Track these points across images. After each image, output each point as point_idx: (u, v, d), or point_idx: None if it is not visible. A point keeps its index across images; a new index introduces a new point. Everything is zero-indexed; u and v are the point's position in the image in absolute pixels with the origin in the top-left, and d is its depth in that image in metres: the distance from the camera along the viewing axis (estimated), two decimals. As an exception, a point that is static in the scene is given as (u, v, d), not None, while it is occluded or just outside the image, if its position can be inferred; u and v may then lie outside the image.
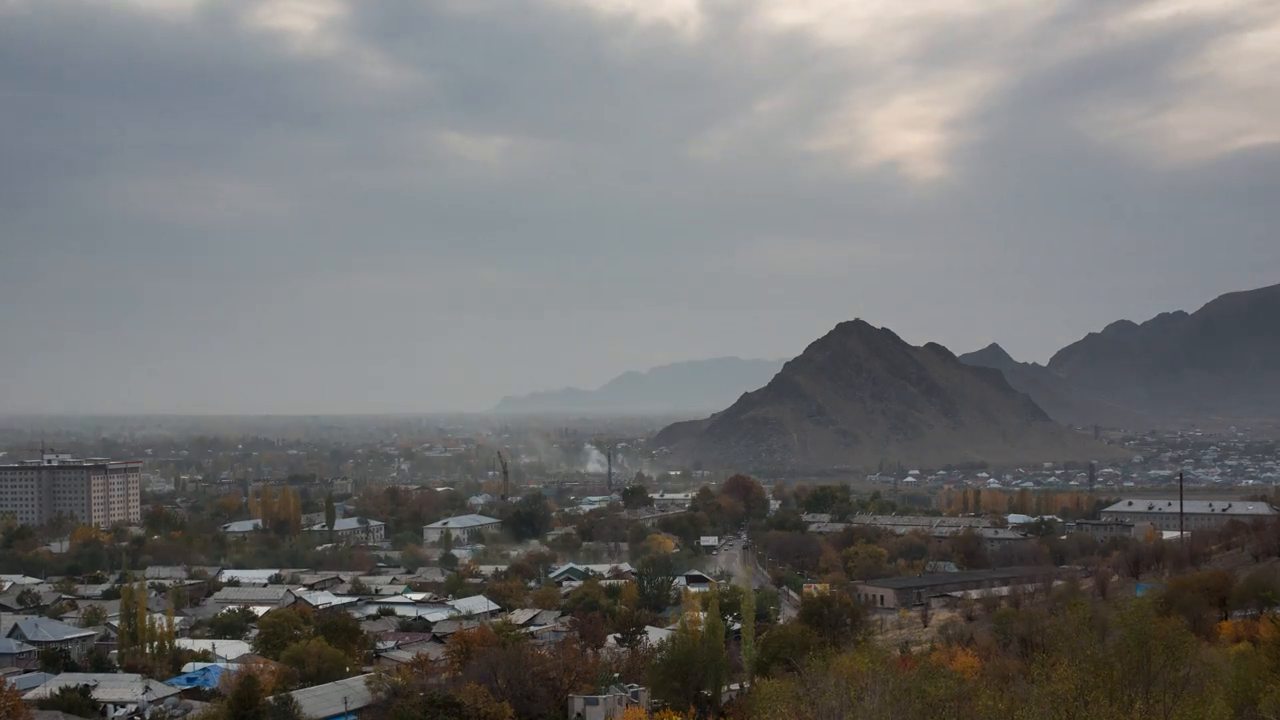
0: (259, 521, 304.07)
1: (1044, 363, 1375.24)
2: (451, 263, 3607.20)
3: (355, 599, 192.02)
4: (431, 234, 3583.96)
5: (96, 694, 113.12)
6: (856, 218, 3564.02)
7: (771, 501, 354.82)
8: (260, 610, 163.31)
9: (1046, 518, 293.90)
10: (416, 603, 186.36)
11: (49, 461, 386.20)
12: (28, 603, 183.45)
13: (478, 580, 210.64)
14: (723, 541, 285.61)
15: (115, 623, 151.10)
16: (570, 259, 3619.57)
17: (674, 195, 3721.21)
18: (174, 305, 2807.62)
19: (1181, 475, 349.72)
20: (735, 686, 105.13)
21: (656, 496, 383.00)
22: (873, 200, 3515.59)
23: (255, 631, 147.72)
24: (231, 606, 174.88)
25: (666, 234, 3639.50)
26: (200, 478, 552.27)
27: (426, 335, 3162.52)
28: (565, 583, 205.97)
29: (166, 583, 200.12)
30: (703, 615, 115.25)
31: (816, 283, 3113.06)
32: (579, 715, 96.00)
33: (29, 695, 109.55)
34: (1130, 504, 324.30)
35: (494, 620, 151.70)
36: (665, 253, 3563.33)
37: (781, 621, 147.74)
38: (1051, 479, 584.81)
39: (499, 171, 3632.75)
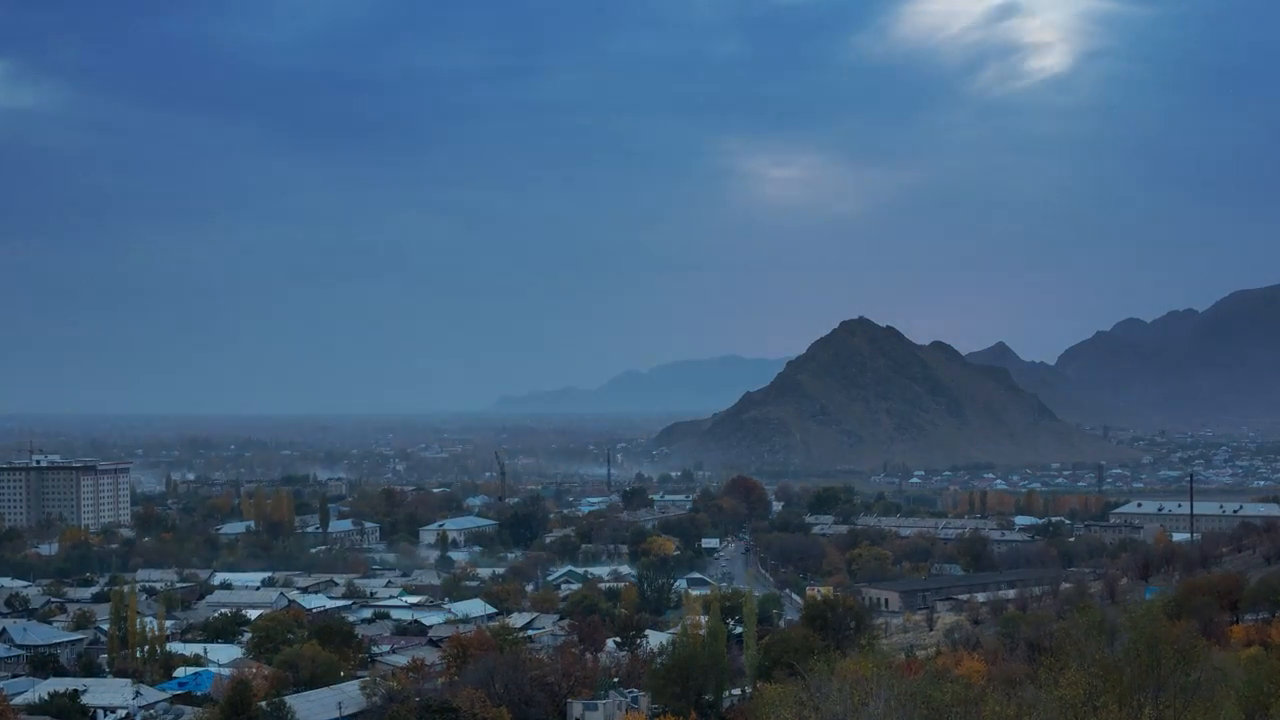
0: (251, 523, 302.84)
1: (1052, 361, 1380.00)
2: (384, 201, 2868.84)
3: (350, 602, 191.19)
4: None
5: (86, 699, 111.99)
6: (887, 126, 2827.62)
7: (774, 503, 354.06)
8: (253, 614, 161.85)
9: (1054, 519, 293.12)
10: (412, 606, 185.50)
11: (37, 462, 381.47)
12: (16, 606, 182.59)
13: (475, 583, 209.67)
14: (724, 544, 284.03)
15: (105, 626, 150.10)
16: (520, 207, 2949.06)
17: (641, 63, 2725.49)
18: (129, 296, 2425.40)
19: (1191, 476, 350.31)
20: (737, 691, 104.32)
21: (657, 498, 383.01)
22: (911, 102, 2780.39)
23: (248, 635, 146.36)
24: (223, 610, 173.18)
25: (628, 144, 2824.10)
26: (192, 479, 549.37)
27: (422, 333, 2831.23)
28: (564, 585, 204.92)
29: (157, 586, 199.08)
30: (704, 619, 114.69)
31: (820, 270, 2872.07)
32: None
33: (17, 700, 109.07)
34: (1139, 505, 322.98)
35: (491, 624, 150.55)
36: (630, 180, 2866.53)
37: (784, 625, 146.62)
38: (1059, 480, 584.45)
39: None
